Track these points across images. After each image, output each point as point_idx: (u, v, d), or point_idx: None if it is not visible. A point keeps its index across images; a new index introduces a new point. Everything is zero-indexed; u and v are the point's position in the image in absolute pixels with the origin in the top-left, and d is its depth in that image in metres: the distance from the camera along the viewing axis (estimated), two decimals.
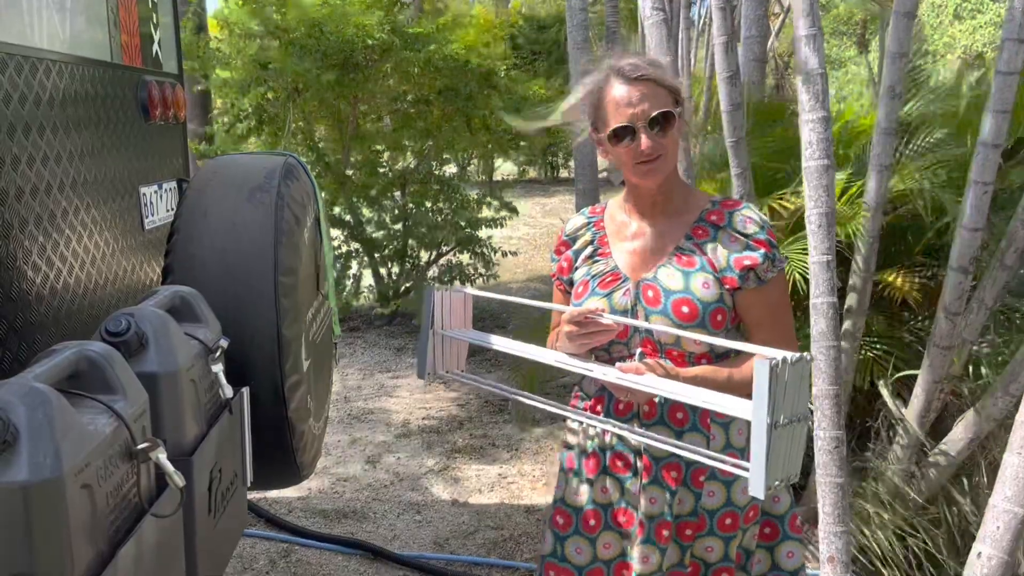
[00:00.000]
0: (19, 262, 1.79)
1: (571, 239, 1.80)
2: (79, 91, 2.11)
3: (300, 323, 2.25)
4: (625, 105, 1.58)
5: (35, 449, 1.10)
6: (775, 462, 1.30)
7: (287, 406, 2.11)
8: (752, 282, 1.61)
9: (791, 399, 1.31)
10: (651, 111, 1.57)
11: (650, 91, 1.58)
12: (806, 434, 1.37)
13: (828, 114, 2.32)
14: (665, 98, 1.59)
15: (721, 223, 1.64)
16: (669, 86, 1.61)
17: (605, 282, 1.69)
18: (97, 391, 1.33)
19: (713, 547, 1.69)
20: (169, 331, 1.65)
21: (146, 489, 1.40)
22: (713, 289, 1.61)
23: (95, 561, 1.20)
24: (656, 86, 1.59)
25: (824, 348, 2.34)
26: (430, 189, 6.61)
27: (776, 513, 1.73)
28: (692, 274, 1.62)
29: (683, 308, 1.60)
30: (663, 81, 1.60)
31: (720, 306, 1.61)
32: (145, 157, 2.56)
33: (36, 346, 1.81)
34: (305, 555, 3.28)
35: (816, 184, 2.33)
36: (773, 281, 1.62)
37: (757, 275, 1.60)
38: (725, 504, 1.66)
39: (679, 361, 1.62)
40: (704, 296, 1.60)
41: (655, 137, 1.58)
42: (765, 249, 1.60)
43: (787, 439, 1.32)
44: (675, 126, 1.60)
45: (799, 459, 1.37)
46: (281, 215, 2.16)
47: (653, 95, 1.58)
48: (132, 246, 2.43)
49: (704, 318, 1.60)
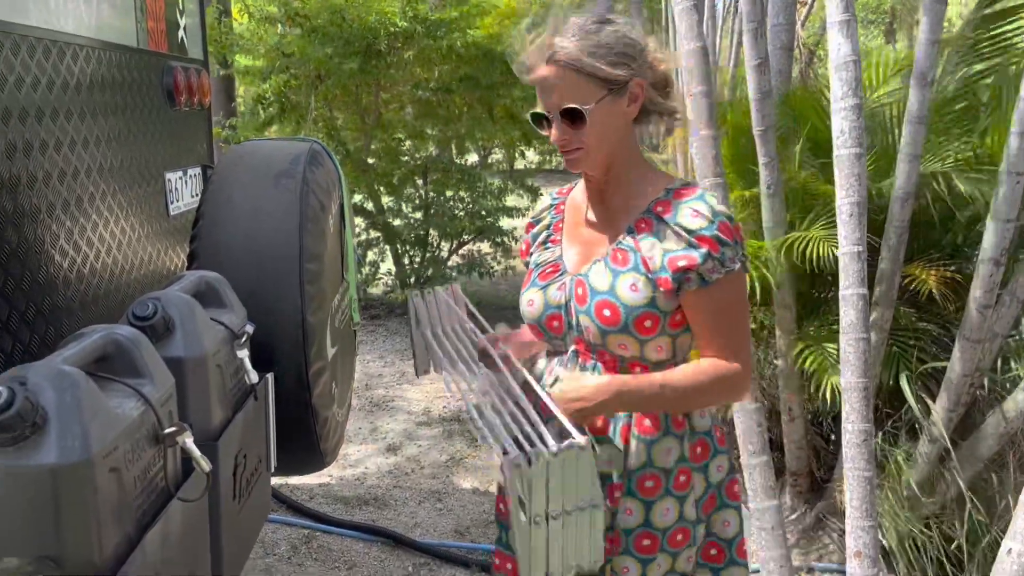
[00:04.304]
0: (47, 246, 1.80)
1: (536, 220, 1.68)
2: (106, 76, 2.11)
3: (325, 310, 2.25)
4: (541, 91, 1.41)
5: (64, 432, 1.10)
6: (539, 557, 1.22)
7: (311, 392, 2.11)
8: (695, 283, 1.40)
9: (570, 489, 1.22)
10: (561, 103, 1.39)
11: (568, 79, 1.38)
12: (603, 519, 1.27)
13: (860, 102, 2.28)
14: (585, 89, 1.38)
15: (666, 215, 1.43)
16: (597, 74, 1.38)
17: (545, 273, 1.57)
18: (125, 375, 1.33)
19: (630, 568, 1.51)
20: (195, 316, 1.65)
21: (172, 473, 1.40)
22: (642, 292, 1.42)
23: (122, 544, 1.20)
24: (577, 74, 1.37)
25: (853, 340, 2.30)
26: (451, 178, 6.60)
27: (725, 537, 1.58)
28: (621, 274, 1.44)
29: (604, 311, 1.44)
30: (588, 69, 1.37)
31: (649, 311, 1.42)
32: (170, 143, 2.57)
33: (62, 330, 1.82)
34: (326, 541, 3.30)
35: (848, 173, 2.29)
36: (720, 283, 1.40)
37: (701, 275, 1.40)
38: (642, 525, 1.49)
39: (612, 365, 1.48)
40: (629, 300, 1.42)
41: (568, 129, 1.40)
42: (709, 248, 1.39)
43: (566, 530, 1.23)
44: (599, 119, 1.39)
45: (596, 546, 1.27)
46: (306, 201, 2.15)
47: (571, 84, 1.38)
48: (157, 232, 2.44)
49: (627, 324, 1.43)
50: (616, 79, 1.38)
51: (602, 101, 1.39)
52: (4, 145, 1.63)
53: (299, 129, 6.16)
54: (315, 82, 6.02)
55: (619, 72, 1.38)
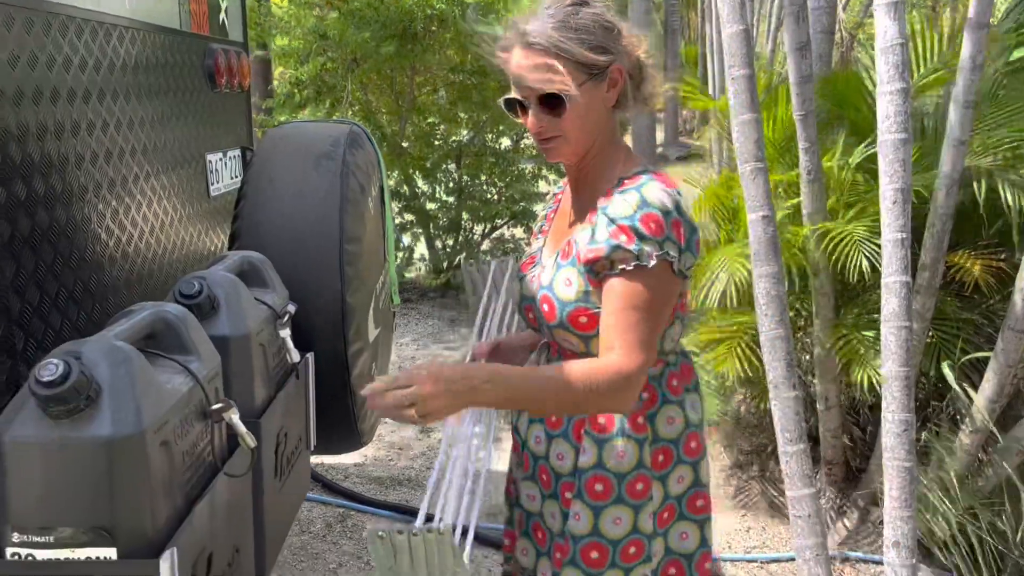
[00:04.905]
0: (93, 225, 1.83)
1: (544, 210, 1.65)
2: (149, 58, 2.14)
3: (365, 291, 2.26)
4: (517, 76, 1.34)
5: (117, 405, 1.13)
6: None
7: (350, 372, 2.13)
8: (609, 271, 1.31)
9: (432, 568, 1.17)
10: (541, 89, 1.32)
11: (547, 64, 1.31)
12: None
13: (908, 86, 2.23)
14: (564, 75, 1.31)
15: (603, 204, 1.35)
16: (577, 59, 1.31)
17: (525, 264, 1.53)
18: (173, 351, 1.36)
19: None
20: (240, 295, 1.67)
21: (219, 449, 1.42)
22: (575, 287, 1.36)
23: (172, 517, 1.22)
24: (557, 58, 1.30)
25: (895, 328, 2.27)
26: (485, 162, 6.60)
27: (683, 551, 1.47)
28: (562, 268, 1.39)
29: (544, 306, 1.40)
30: (567, 53, 1.30)
31: (583, 307, 1.35)
32: (211, 125, 2.59)
33: (107, 308, 1.85)
34: (360, 520, 3.34)
35: (892, 158, 2.25)
36: (630, 275, 1.28)
37: (611, 263, 1.30)
38: (591, 533, 1.39)
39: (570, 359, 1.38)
40: (562, 295, 1.37)
41: (546, 117, 1.33)
42: (625, 237, 1.28)
43: None
44: (580, 106, 1.32)
45: None
46: (347, 183, 2.17)
47: (549, 69, 1.31)
48: (198, 213, 2.47)
49: (562, 319, 1.37)
50: (596, 64, 1.32)
51: (581, 87, 1.32)
52: (53, 125, 1.66)
53: (334, 112, 6.19)
54: (351, 65, 6.03)
55: (599, 57, 1.32)
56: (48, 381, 1.07)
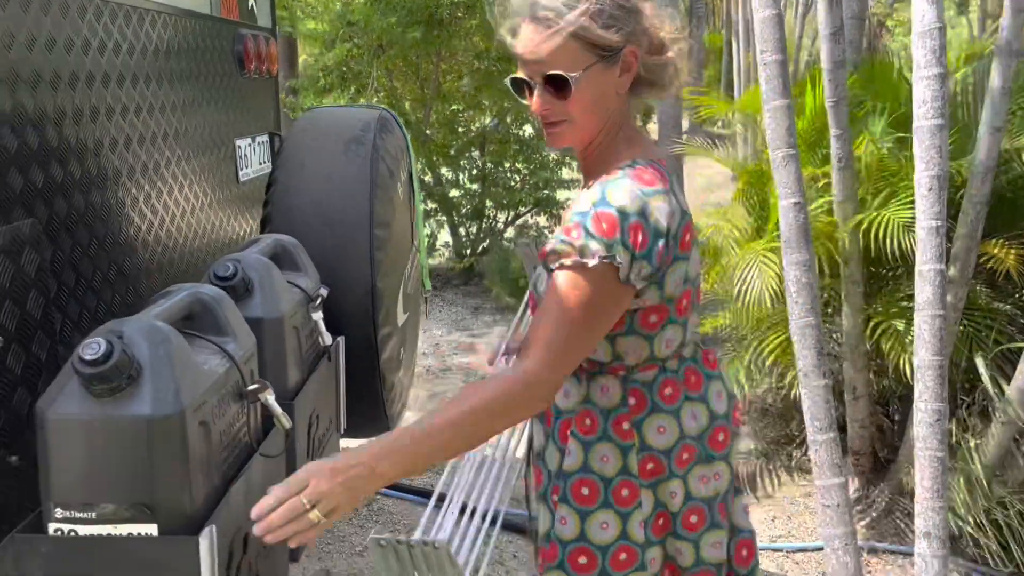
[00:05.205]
0: (127, 208, 1.84)
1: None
2: (180, 43, 2.15)
3: (395, 276, 2.27)
4: (522, 53, 1.23)
5: (158, 385, 1.14)
6: None
7: (379, 356, 2.14)
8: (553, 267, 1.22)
9: None
10: (545, 68, 1.21)
11: (555, 42, 1.19)
12: None
13: (945, 71, 2.19)
14: (573, 55, 1.20)
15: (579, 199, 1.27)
16: (588, 38, 1.20)
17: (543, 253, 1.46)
18: (209, 332, 1.37)
19: None
20: (273, 278, 1.68)
21: (254, 429, 1.43)
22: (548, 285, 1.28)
23: (210, 495, 1.23)
24: (566, 36, 1.19)
25: (928, 317, 2.24)
26: (509, 149, 6.58)
27: (683, 565, 1.38)
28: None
29: (532, 304, 1.34)
30: (577, 31, 1.19)
31: None
32: (240, 110, 2.60)
33: (140, 291, 1.87)
34: (386, 504, 3.35)
35: (928, 145, 2.21)
36: (567, 272, 1.18)
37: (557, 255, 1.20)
38: (578, 538, 1.31)
39: None
40: (541, 293, 1.30)
41: (552, 99, 1.23)
42: (576, 233, 1.18)
43: None
44: (587, 89, 1.22)
45: None
46: (376, 168, 2.17)
47: (558, 48, 1.19)
48: (227, 198, 2.48)
49: None
50: (608, 44, 1.20)
51: (591, 69, 1.21)
52: (88, 109, 1.67)
53: (359, 98, 6.20)
54: (377, 52, 6.04)
55: (612, 37, 1.20)
56: (91, 360, 1.09)
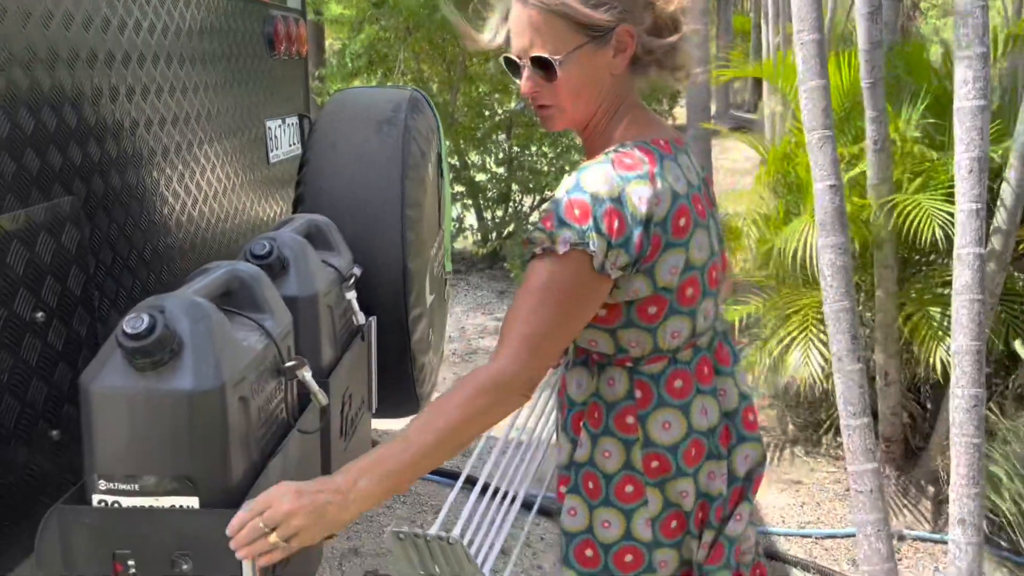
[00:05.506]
0: (160, 188, 1.85)
1: None
2: (212, 23, 2.15)
3: (424, 256, 2.27)
4: (512, 33, 1.19)
5: (198, 360, 1.15)
6: None
7: (410, 337, 2.14)
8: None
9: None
10: (531, 49, 1.16)
11: (542, 22, 1.14)
12: None
13: (988, 50, 2.15)
14: (559, 35, 1.14)
15: None
16: (574, 17, 1.13)
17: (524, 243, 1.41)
18: (247, 309, 1.37)
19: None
20: (308, 257, 1.68)
21: (291, 406, 1.44)
22: None
23: (249, 470, 1.24)
24: (554, 17, 1.13)
25: (967, 302, 2.20)
26: (535, 133, 6.55)
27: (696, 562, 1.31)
28: None
29: None
30: (562, 10, 1.13)
31: None
32: (270, 91, 2.60)
33: (173, 271, 1.88)
34: (415, 486, 3.38)
35: (969, 126, 2.17)
36: (539, 260, 1.14)
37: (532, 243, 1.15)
38: (586, 531, 1.27)
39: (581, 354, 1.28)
40: None
41: (540, 81, 1.17)
42: (550, 221, 1.13)
43: None
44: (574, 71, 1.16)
45: None
46: (408, 148, 2.16)
47: (544, 28, 1.14)
48: (258, 179, 2.49)
49: None
50: (598, 24, 1.13)
51: (578, 51, 1.15)
52: (125, 88, 1.68)
53: (386, 81, 6.20)
54: (404, 35, 6.03)
55: (601, 16, 1.13)
56: (135, 334, 1.10)
